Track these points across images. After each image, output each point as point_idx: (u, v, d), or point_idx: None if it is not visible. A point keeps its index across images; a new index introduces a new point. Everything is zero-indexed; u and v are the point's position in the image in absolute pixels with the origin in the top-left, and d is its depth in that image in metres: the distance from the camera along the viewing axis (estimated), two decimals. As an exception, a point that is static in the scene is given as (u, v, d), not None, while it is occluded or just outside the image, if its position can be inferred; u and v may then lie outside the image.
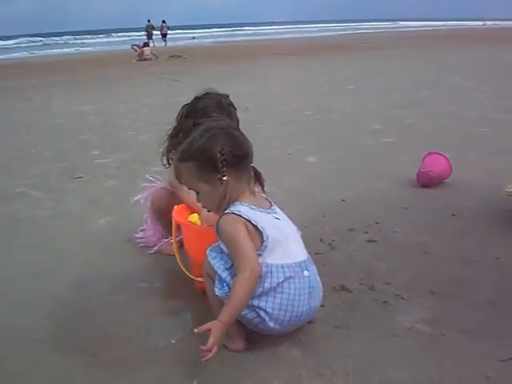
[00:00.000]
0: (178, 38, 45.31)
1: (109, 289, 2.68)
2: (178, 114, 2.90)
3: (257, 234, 1.98)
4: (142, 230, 3.27)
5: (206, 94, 2.85)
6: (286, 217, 2.17)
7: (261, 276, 1.94)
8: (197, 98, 2.86)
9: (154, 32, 31.79)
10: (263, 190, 2.22)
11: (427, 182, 3.98)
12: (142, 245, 3.17)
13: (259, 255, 1.96)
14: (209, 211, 2.19)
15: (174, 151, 2.88)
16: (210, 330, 1.85)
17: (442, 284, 2.53)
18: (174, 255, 2.96)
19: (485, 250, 2.88)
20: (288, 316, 2.00)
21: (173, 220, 2.62)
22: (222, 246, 2.04)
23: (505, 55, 16.98)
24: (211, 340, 1.82)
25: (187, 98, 2.89)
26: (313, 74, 13.68)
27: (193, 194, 2.64)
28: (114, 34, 60.56)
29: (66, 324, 2.40)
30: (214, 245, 2.10)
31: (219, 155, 1.98)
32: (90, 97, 10.79)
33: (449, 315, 2.26)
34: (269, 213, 2.08)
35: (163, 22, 32.42)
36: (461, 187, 3.93)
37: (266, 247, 1.97)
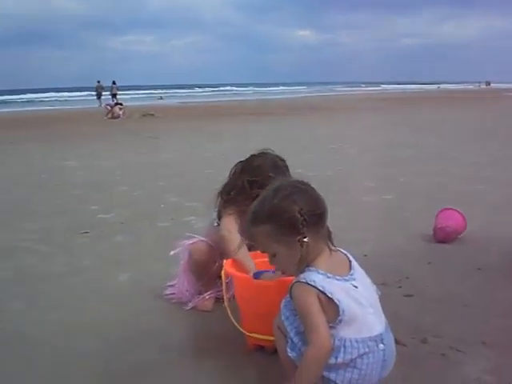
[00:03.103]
0: (145, 98, 45.84)
1: (154, 349, 2.55)
2: (231, 170, 2.87)
3: (331, 306, 1.86)
4: (170, 286, 3.19)
5: (262, 154, 2.84)
6: (364, 276, 2.05)
7: (333, 349, 1.85)
8: (253, 156, 2.84)
9: (104, 92, 32.37)
10: (333, 245, 2.12)
11: (444, 237, 4.02)
12: (174, 301, 3.07)
13: (332, 327, 1.86)
14: (283, 273, 2.07)
15: (227, 208, 2.83)
16: None
17: (493, 335, 2.54)
18: (210, 311, 2.93)
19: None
20: None
21: (223, 272, 2.55)
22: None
23: (468, 116, 17.69)
24: None
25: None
26: (292, 132, 13.96)
27: (243, 250, 2.59)
28: (75, 93, 59.36)
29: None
30: (287, 299, 2.00)
31: (299, 216, 1.87)
32: (71, 152, 10.66)
33: (509, 365, 2.25)
34: (346, 280, 1.93)
35: (113, 83, 32.76)
36: (477, 242, 3.99)
37: (340, 321, 1.86)
